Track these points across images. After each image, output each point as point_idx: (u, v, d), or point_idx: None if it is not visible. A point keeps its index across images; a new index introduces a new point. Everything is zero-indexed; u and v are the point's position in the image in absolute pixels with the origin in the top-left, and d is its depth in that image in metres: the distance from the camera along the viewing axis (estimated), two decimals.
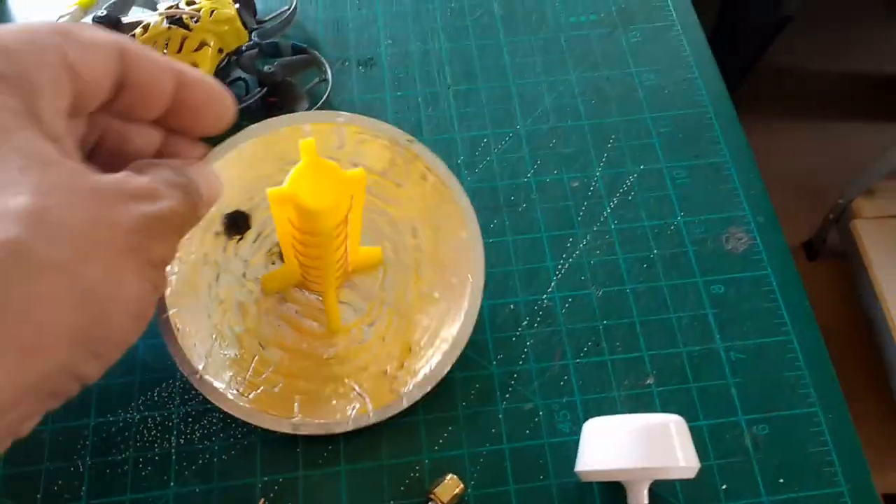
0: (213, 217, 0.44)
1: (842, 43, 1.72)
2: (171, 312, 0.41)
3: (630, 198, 0.51)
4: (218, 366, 0.41)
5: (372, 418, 0.41)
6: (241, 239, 0.45)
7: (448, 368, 0.42)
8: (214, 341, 0.42)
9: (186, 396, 0.44)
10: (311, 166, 0.32)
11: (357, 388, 0.43)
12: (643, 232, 0.50)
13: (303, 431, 0.40)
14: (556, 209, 0.51)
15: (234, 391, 0.41)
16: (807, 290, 0.48)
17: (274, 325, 0.44)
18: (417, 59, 0.58)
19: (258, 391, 0.41)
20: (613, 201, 0.51)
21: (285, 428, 0.40)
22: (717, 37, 1.38)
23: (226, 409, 0.40)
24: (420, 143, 0.46)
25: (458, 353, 0.42)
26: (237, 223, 0.45)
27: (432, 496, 0.40)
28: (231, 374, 0.42)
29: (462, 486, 0.40)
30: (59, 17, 0.55)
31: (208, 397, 0.40)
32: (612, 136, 0.54)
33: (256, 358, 0.42)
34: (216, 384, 0.41)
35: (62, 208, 0.24)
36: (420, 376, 0.42)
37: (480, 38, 0.59)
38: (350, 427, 0.41)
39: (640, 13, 0.61)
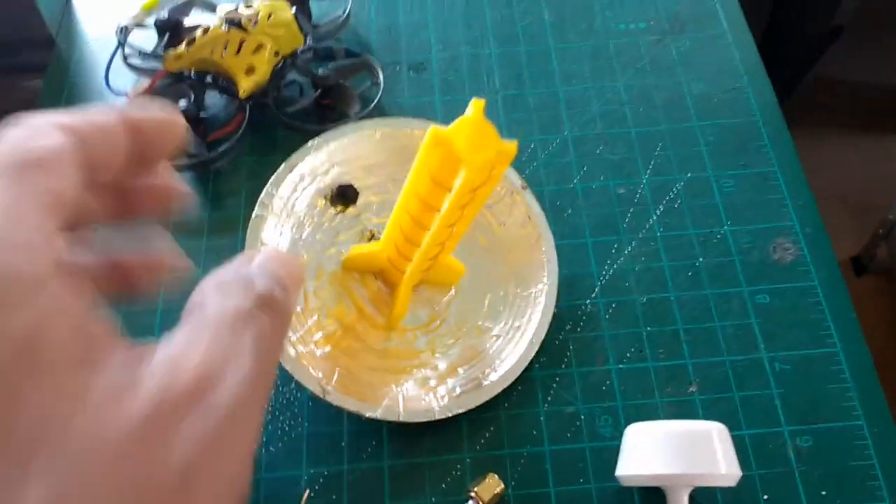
0: (327, 184, 0.47)
1: (894, 55, 1.69)
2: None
3: (676, 206, 0.51)
4: None
5: (402, 417, 0.42)
6: (342, 211, 0.47)
7: (486, 399, 0.43)
8: None
9: None
10: (473, 122, 0.33)
11: (395, 386, 0.43)
12: (689, 240, 0.50)
13: (331, 400, 0.41)
14: (601, 215, 0.51)
15: (286, 340, 0.42)
16: (854, 306, 0.48)
17: (340, 298, 0.45)
18: (467, 64, 0.59)
19: (306, 348, 0.42)
20: (659, 209, 0.51)
21: (316, 388, 0.41)
22: (767, 46, 1.36)
23: None
24: (530, 191, 0.48)
25: (498, 389, 0.43)
26: (346, 196, 0.47)
27: (473, 494, 0.40)
28: None
29: (503, 485, 0.41)
30: (124, 20, 0.56)
31: None
32: (660, 144, 0.54)
33: (314, 319, 0.43)
34: None
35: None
36: (457, 392, 0.43)
37: (529, 44, 0.60)
38: (378, 415, 0.42)
39: (690, 21, 0.61)
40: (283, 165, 0.46)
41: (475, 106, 0.33)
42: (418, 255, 0.41)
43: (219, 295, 0.21)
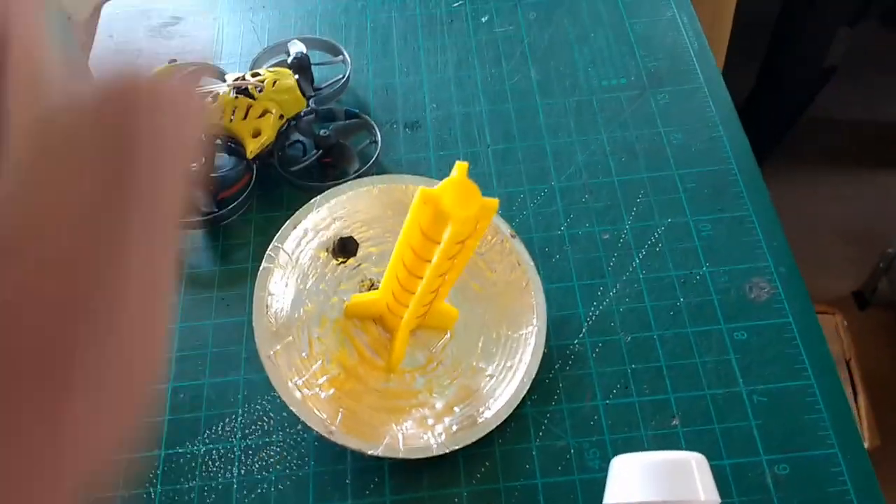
0: (329, 237, 0.51)
1: (887, 91, 1.73)
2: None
3: (658, 249, 0.55)
4: (285, 359, 0.46)
5: (402, 454, 0.45)
6: (343, 262, 0.50)
7: (481, 435, 0.46)
8: (292, 335, 0.47)
9: (247, 431, 0.48)
10: (458, 183, 0.37)
11: (395, 425, 0.46)
12: (670, 281, 0.53)
13: (336, 440, 0.44)
14: (587, 260, 0.54)
15: (293, 384, 0.45)
16: (858, 339, 0.50)
17: (342, 344, 0.48)
18: (459, 121, 0.63)
19: (311, 391, 0.45)
20: (642, 252, 0.55)
21: (322, 429, 0.44)
22: (762, 89, 1.40)
23: (281, 395, 0.45)
24: (520, 239, 0.52)
25: (493, 426, 0.46)
26: (346, 248, 0.51)
27: None
28: (294, 369, 0.46)
29: None
30: None
31: (270, 377, 0.45)
32: (641, 192, 0.58)
33: (318, 364, 0.47)
34: (281, 366, 0.45)
35: None
36: (454, 429, 0.46)
37: (518, 101, 0.64)
38: (379, 453, 0.44)
39: (668, 77, 0.65)
40: (287, 222, 0.50)
41: (459, 168, 0.37)
42: (413, 301, 0.44)
43: None
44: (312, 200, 0.51)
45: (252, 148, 0.56)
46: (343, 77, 0.63)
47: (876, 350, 1.29)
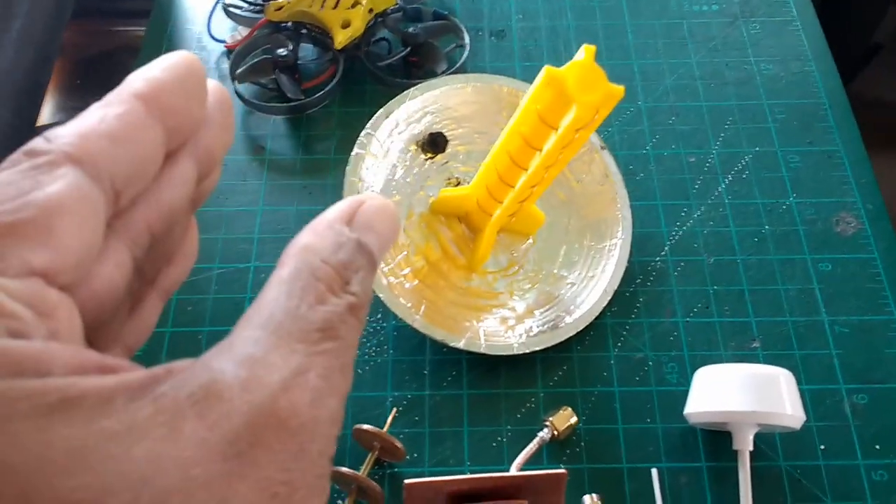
0: (419, 132, 0.50)
1: None
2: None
3: (744, 176, 0.54)
4: None
5: (483, 349, 0.45)
6: (431, 158, 0.50)
7: (561, 340, 0.46)
8: None
9: None
10: (584, 66, 0.36)
11: (476, 322, 0.46)
12: (756, 209, 0.52)
13: (419, 328, 0.44)
14: (672, 181, 0.54)
15: (379, 270, 0.45)
16: None
17: (427, 237, 0.48)
18: (545, 34, 0.61)
19: (396, 279, 0.45)
20: (728, 178, 0.54)
21: (407, 317, 0.44)
22: None
23: None
24: (609, 151, 0.51)
25: (572, 332, 0.46)
26: (436, 143, 0.50)
27: (549, 423, 0.43)
28: None
29: (576, 418, 0.44)
30: None
31: None
32: (730, 119, 0.57)
33: (404, 255, 0.46)
34: None
35: None
36: (534, 331, 0.46)
37: (606, 19, 0.63)
38: (461, 346, 0.44)
39: (761, 6, 0.63)
40: (381, 110, 0.49)
41: (587, 50, 0.36)
42: (511, 195, 0.43)
43: (308, 290, 0.17)
44: (406, 91, 0.50)
45: (340, 39, 0.55)
46: None
47: None
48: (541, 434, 0.43)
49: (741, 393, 0.41)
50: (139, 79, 0.17)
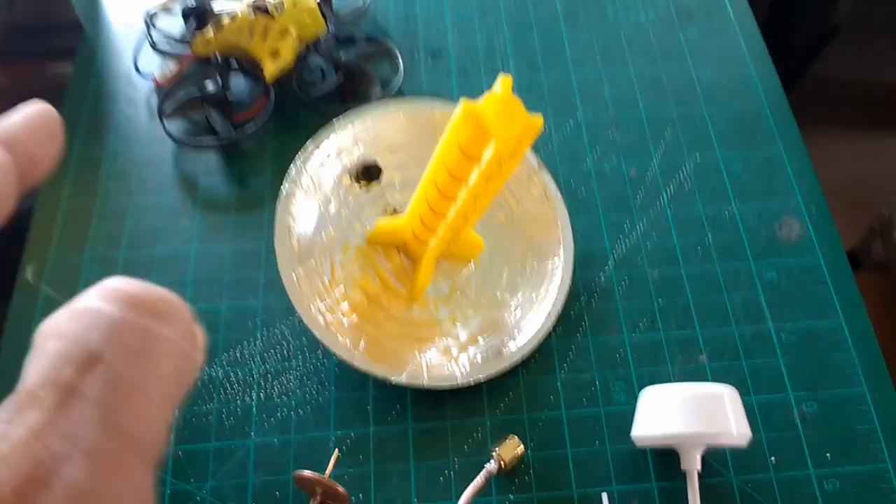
0: (352, 162, 0.50)
1: (890, 53, 1.71)
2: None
3: (686, 186, 0.53)
4: (307, 283, 0.45)
5: (426, 383, 0.44)
6: (366, 188, 0.49)
7: (506, 366, 0.45)
8: (314, 259, 0.46)
9: (266, 355, 0.47)
10: (502, 98, 0.35)
11: (418, 353, 0.45)
12: (698, 218, 0.52)
13: (359, 366, 0.43)
14: (614, 195, 0.53)
15: (316, 309, 0.44)
16: None
17: (365, 270, 0.47)
18: (483, 52, 0.61)
19: (333, 316, 0.44)
20: (670, 189, 0.53)
21: (344, 354, 0.43)
22: (766, 44, 1.38)
23: (304, 319, 0.43)
24: (547, 170, 0.50)
25: (517, 357, 0.45)
26: (370, 173, 0.49)
27: (495, 454, 0.42)
28: (316, 293, 0.45)
29: (523, 446, 0.43)
30: (152, 6, 0.58)
31: (293, 300, 0.44)
32: (669, 128, 0.56)
33: (341, 289, 0.45)
34: (304, 290, 0.44)
35: None
36: (478, 359, 0.45)
37: (543, 33, 0.62)
38: (403, 381, 0.43)
39: (697, 11, 0.63)
40: (309, 142, 0.48)
41: (504, 82, 0.35)
42: (443, 226, 0.43)
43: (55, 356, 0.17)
44: (334, 121, 0.49)
45: (271, 70, 0.54)
46: (364, 2, 0.60)
47: (871, 311, 1.29)
48: (487, 466, 0.42)
49: (685, 414, 0.40)
50: None
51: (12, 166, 0.19)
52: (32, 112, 0.20)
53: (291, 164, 0.47)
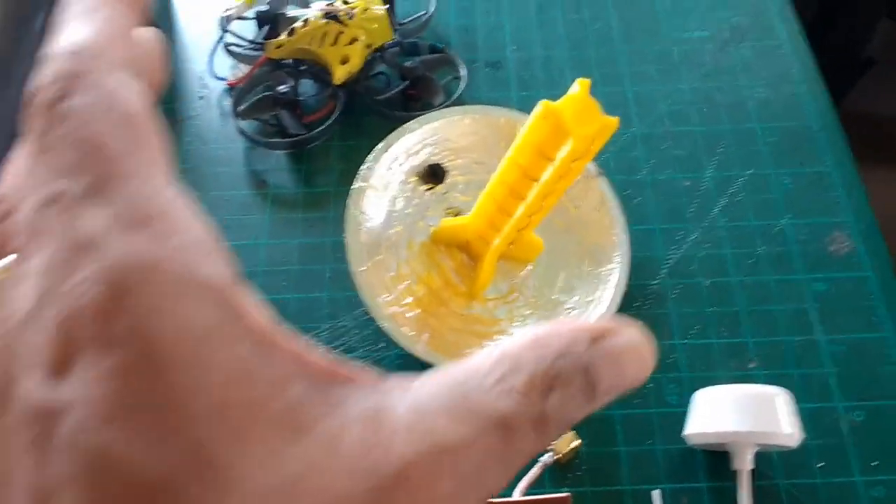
0: (419, 163, 0.51)
1: None
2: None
3: (738, 199, 0.55)
4: (375, 276, 0.47)
5: None
6: (431, 189, 0.51)
7: None
8: (381, 254, 0.48)
9: (331, 345, 0.49)
10: (579, 98, 0.37)
11: (478, 349, 0.47)
12: (750, 230, 0.54)
13: (422, 356, 0.45)
14: (668, 205, 0.55)
15: (382, 300, 0.46)
16: None
17: (428, 267, 0.49)
18: (540, 64, 0.63)
19: (399, 309, 0.46)
20: (722, 201, 0.55)
21: (409, 346, 0.45)
22: None
23: (371, 310, 0.45)
24: (605, 178, 0.52)
25: None
26: (435, 174, 0.51)
27: (552, 447, 0.44)
28: (383, 286, 0.47)
29: (579, 441, 0.45)
30: (225, 11, 0.61)
31: (360, 291, 0.46)
32: (722, 142, 0.58)
33: (406, 284, 0.47)
34: (371, 282, 0.46)
35: None
36: None
37: (599, 48, 0.64)
38: None
39: (749, 32, 0.65)
40: (380, 144, 0.51)
41: (581, 84, 0.37)
42: (510, 224, 0.45)
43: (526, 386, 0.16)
44: (406, 124, 0.51)
45: (339, 74, 0.57)
46: (427, 13, 0.63)
47: None
48: (543, 458, 0.44)
49: (739, 413, 0.42)
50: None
51: (147, 93, 0.19)
52: (148, 36, 0.21)
53: (364, 163, 0.50)
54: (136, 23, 0.19)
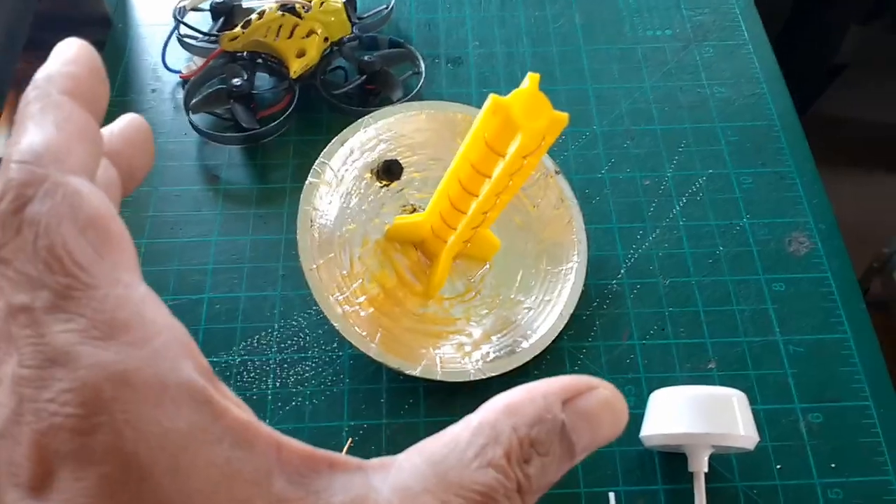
0: (374, 159, 0.50)
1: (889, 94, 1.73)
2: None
3: (698, 198, 0.54)
4: (327, 274, 0.46)
5: (439, 376, 0.45)
6: (386, 185, 0.50)
7: (518, 364, 0.46)
8: (334, 252, 0.47)
9: (283, 345, 0.47)
10: (529, 93, 0.36)
11: (432, 348, 0.46)
12: (710, 230, 0.53)
13: (375, 357, 0.44)
14: (627, 204, 0.54)
15: (334, 299, 0.45)
16: None
17: (383, 265, 0.48)
18: (502, 61, 0.62)
19: (351, 308, 0.45)
20: (682, 200, 0.54)
21: (362, 346, 0.44)
22: None
23: (323, 309, 0.44)
24: (563, 176, 0.51)
25: (529, 356, 0.46)
26: (391, 171, 0.50)
27: None
28: (335, 285, 0.45)
29: None
30: (180, 2, 0.60)
31: (312, 289, 0.44)
32: (683, 142, 0.57)
33: (359, 283, 0.46)
34: (323, 280, 0.45)
35: None
36: (491, 357, 0.46)
37: (561, 45, 0.63)
38: (418, 373, 0.44)
39: (713, 31, 0.64)
40: (335, 139, 0.49)
41: (531, 79, 0.37)
42: (464, 222, 0.44)
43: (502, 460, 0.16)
44: (360, 120, 0.50)
45: (295, 68, 0.55)
46: (387, 7, 0.62)
47: None
48: None
49: (695, 415, 0.41)
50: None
51: (118, 180, 0.20)
52: (129, 124, 0.21)
53: (317, 158, 0.48)
54: (98, 118, 0.18)
